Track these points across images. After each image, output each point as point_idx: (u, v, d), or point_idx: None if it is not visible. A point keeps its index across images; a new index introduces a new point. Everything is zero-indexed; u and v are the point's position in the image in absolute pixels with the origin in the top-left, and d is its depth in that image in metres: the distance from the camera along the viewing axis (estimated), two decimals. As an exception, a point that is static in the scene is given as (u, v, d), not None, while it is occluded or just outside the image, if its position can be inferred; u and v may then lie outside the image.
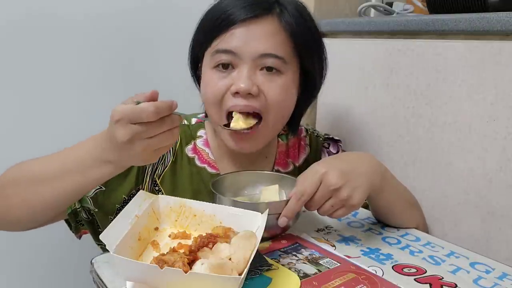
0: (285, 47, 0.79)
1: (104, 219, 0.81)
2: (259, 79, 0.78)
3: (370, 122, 1.07)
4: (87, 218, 0.82)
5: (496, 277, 0.68)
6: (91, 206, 0.80)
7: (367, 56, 1.06)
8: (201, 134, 0.91)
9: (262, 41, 0.76)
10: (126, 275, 0.58)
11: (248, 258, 0.56)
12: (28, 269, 1.18)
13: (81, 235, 0.86)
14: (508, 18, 0.78)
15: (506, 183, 0.82)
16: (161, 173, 0.86)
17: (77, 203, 0.80)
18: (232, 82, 0.77)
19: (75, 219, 0.82)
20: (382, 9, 1.14)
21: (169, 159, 0.87)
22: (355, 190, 0.71)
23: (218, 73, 0.78)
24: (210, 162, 0.89)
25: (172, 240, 0.67)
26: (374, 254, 0.73)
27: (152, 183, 0.85)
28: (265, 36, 0.76)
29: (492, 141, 0.84)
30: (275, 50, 0.77)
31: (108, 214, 0.81)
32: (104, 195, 0.80)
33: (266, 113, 0.79)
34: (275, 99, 0.79)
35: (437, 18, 0.90)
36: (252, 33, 0.76)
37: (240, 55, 0.76)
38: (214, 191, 0.74)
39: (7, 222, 0.74)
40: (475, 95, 0.86)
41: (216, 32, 0.77)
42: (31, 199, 0.70)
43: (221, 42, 0.77)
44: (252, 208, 0.67)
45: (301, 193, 0.70)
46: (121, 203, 0.81)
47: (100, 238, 0.56)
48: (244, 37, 0.76)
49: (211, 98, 0.79)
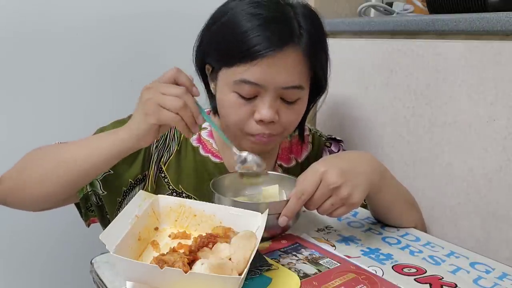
0: (304, 73, 0.81)
1: (112, 202, 0.86)
2: (279, 107, 0.81)
3: (370, 122, 1.07)
4: (97, 203, 0.86)
5: (496, 277, 0.68)
6: (99, 190, 0.85)
7: (367, 56, 1.06)
8: (206, 126, 0.94)
9: (285, 74, 0.78)
10: (126, 275, 0.58)
11: (248, 258, 0.56)
12: (28, 269, 1.18)
13: (90, 223, 0.91)
14: (508, 18, 0.78)
15: (506, 183, 0.82)
16: (166, 160, 0.89)
17: (88, 187, 0.84)
18: (255, 109, 0.80)
19: (85, 205, 0.87)
20: (382, 9, 1.14)
21: (174, 148, 0.90)
22: (355, 188, 0.71)
23: (240, 99, 0.79)
24: (214, 152, 0.92)
25: (172, 240, 0.67)
26: (374, 254, 0.73)
27: (158, 169, 0.89)
28: (288, 69, 0.78)
29: (492, 141, 0.84)
30: (296, 81, 0.79)
31: (116, 196, 0.86)
32: (112, 178, 0.85)
33: (281, 134, 0.84)
34: (291, 123, 0.84)
35: (437, 18, 0.90)
36: (277, 66, 0.77)
37: (264, 86, 0.78)
38: (214, 191, 0.74)
39: (22, 200, 0.80)
40: (475, 95, 0.86)
41: (239, 59, 0.77)
42: (49, 178, 0.76)
43: (246, 71, 0.76)
44: (252, 208, 0.67)
45: (301, 192, 0.70)
46: (128, 187, 0.87)
47: (100, 238, 0.56)
48: (270, 70, 0.76)
49: (233, 122, 0.82)
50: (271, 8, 0.78)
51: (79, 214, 0.89)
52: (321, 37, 0.83)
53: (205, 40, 0.84)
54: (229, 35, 0.78)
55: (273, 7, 0.78)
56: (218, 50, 0.81)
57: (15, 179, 0.79)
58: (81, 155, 0.75)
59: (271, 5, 0.78)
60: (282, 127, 0.82)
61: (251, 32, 0.75)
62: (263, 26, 0.76)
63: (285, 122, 0.82)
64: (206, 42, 0.84)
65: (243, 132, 0.82)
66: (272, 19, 0.77)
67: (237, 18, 0.77)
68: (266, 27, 0.76)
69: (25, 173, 0.78)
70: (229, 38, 0.78)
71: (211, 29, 0.83)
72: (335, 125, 1.16)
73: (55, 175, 0.76)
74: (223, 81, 0.81)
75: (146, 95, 0.70)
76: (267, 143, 0.83)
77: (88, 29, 1.14)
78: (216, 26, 0.81)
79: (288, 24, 0.78)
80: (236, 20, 0.77)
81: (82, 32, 1.13)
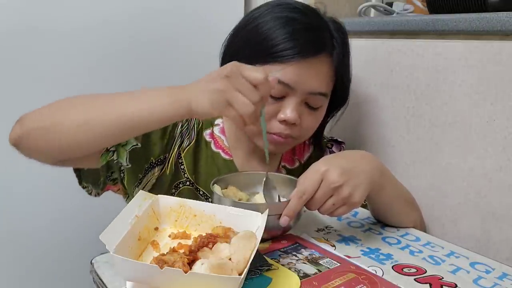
0: (330, 82, 0.85)
1: (134, 176, 0.85)
2: (302, 111, 0.83)
3: (370, 122, 1.07)
4: (120, 173, 0.84)
5: (496, 277, 0.68)
6: (125, 161, 0.83)
7: (367, 56, 1.06)
8: (218, 123, 0.95)
9: (315, 80, 0.81)
10: (126, 275, 0.58)
11: (248, 258, 0.56)
12: (28, 269, 1.18)
13: (105, 190, 0.88)
14: (508, 18, 0.78)
15: (506, 183, 0.82)
16: (186, 146, 0.90)
17: (114, 154, 0.82)
18: (279, 109, 0.82)
19: (106, 173, 0.83)
20: (382, 9, 1.14)
21: (194, 137, 0.91)
22: (356, 188, 0.71)
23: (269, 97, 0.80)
24: (225, 148, 0.93)
25: (172, 240, 0.67)
26: (374, 254, 0.73)
27: (177, 154, 0.90)
28: (318, 75, 0.82)
29: (492, 141, 0.84)
30: (323, 89, 0.83)
31: (137, 172, 0.85)
32: (139, 152, 0.84)
33: (298, 137, 0.86)
34: (309, 128, 0.87)
35: (437, 18, 0.90)
36: (309, 71, 0.80)
37: (294, 88, 0.80)
38: (214, 191, 0.74)
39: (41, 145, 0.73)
40: (475, 95, 0.86)
41: (274, 58, 0.79)
42: (90, 124, 0.69)
43: (279, 71, 0.79)
44: (252, 209, 0.67)
45: (302, 192, 0.70)
46: (149, 165, 0.86)
47: (100, 238, 0.56)
48: (302, 73, 0.80)
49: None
50: (308, 15, 0.83)
51: (78, 182, 0.87)
52: (348, 51, 0.88)
53: (236, 40, 0.87)
54: (266, 35, 0.80)
55: (310, 15, 0.83)
56: (252, 49, 0.82)
57: (43, 120, 0.72)
58: (132, 106, 0.69)
59: (308, 12, 0.84)
60: (301, 132, 0.85)
61: (289, 36, 0.79)
62: (301, 32, 0.80)
63: (305, 126, 0.85)
64: (238, 41, 0.86)
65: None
66: (310, 26, 0.81)
67: (274, 20, 0.81)
68: (304, 33, 0.80)
69: (59, 116, 0.71)
70: (265, 38, 0.80)
71: (245, 29, 0.85)
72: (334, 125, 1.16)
73: (99, 123, 0.69)
74: None
75: (221, 84, 0.64)
76: (283, 143, 0.85)
77: (88, 29, 1.13)
78: (252, 27, 0.83)
79: (323, 34, 0.83)
80: (273, 22, 0.81)
81: (82, 32, 1.13)
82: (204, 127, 0.93)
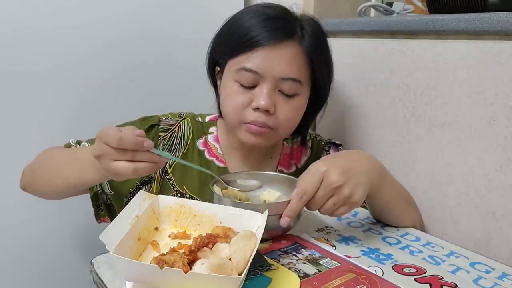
0: (303, 70, 0.85)
1: (119, 201, 0.89)
2: (276, 99, 0.84)
3: (370, 122, 1.07)
4: (106, 201, 0.90)
5: (496, 277, 0.68)
6: (107, 190, 0.88)
7: (367, 56, 1.06)
8: (212, 131, 0.97)
9: (284, 65, 0.82)
10: (126, 275, 0.58)
11: (248, 258, 0.56)
12: (28, 269, 1.18)
13: (101, 221, 0.94)
14: (508, 18, 0.78)
15: (506, 183, 0.82)
16: (172, 163, 0.92)
17: (98, 186, 0.88)
18: (253, 98, 0.83)
19: (96, 203, 0.91)
20: (382, 9, 1.14)
21: (180, 151, 0.93)
22: (356, 187, 0.71)
23: (240, 88, 0.84)
24: (219, 156, 0.94)
25: (172, 240, 0.67)
26: (374, 254, 0.73)
27: (164, 172, 0.92)
28: (287, 60, 0.82)
29: (492, 141, 0.84)
30: (294, 74, 0.83)
31: (122, 197, 0.89)
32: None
33: (276, 129, 0.85)
34: (287, 118, 0.86)
35: (437, 18, 0.90)
36: (276, 56, 0.82)
37: (263, 75, 0.82)
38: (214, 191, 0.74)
39: (37, 192, 0.89)
40: (475, 95, 0.86)
41: (242, 48, 0.83)
42: (51, 182, 0.84)
43: (247, 60, 0.82)
44: (252, 209, 0.67)
45: (303, 192, 0.70)
46: (134, 188, 0.90)
47: (100, 238, 0.56)
48: (269, 59, 0.81)
49: (231, 109, 0.85)
50: (277, 9, 0.86)
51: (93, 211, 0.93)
52: (323, 45, 0.88)
53: (215, 43, 0.91)
54: (235, 30, 0.85)
55: (279, 9, 0.86)
56: (225, 45, 0.86)
57: (30, 175, 0.87)
58: (70, 171, 0.79)
59: (277, 8, 0.86)
60: (278, 121, 0.84)
61: (254, 26, 0.82)
62: (266, 21, 0.83)
63: (281, 116, 0.84)
64: (216, 43, 0.90)
65: (240, 121, 0.85)
66: (275, 17, 0.84)
67: (245, 16, 0.85)
68: (269, 22, 0.83)
69: (35, 172, 0.86)
70: (235, 32, 0.85)
71: (221, 31, 0.90)
72: (334, 125, 1.16)
73: (54, 182, 0.83)
74: (227, 72, 0.86)
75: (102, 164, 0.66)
76: (260, 133, 0.84)
77: (88, 29, 1.13)
78: (226, 27, 0.88)
79: (291, 24, 0.84)
80: (244, 18, 0.85)
81: (83, 32, 1.13)
82: (196, 137, 0.95)
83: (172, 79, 1.27)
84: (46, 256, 1.20)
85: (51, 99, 1.12)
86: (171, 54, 1.26)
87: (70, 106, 1.15)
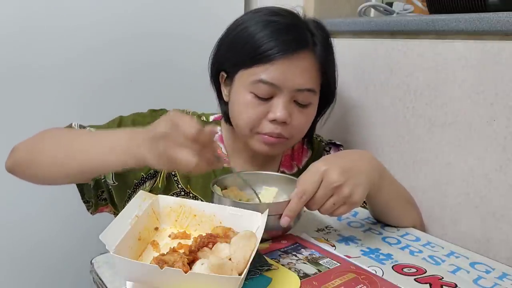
0: (316, 78, 0.86)
1: (122, 193, 0.88)
2: (292, 110, 0.84)
3: (370, 122, 1.07)
4: (109, 190, 0.88)
5: (496, 277, 0.68)
6: (111, 180, 0.86)
7: (367, 56, 1.06)
8: (217, 131, 0.95)
9: (300, 76, 0.83)
10: (126, 275, 0.58)
11: (248, 258, 0.56)
12: (28, 269, 1.18)
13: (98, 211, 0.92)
14: (508, 18, 0.78)
15: (506, 183, 0.82)
16: None
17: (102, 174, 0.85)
18: (269, 110, 0.83)
19: (97, 192, 0.88)
20: (382, 9, 1.14)
21: None
22: (356, 187, 0.71)
23: (255, 99, 0.83)
24: (223, 156, 0.94)
25: (172, 240, 0.67)
26: (374, 254, 0.73)
27: None
28: (302, 72, 0.83)
29: (492, 141, 0.84)
30: (310, 84, 0.84)
31: (126, 188, 0.88)
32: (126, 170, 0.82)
33: (291, 138, 0.87)
34: (301, 127, 0.87)
35: (437, 18, 0.90)
36: (293, 68, 0.82)
37: (280, 87, 0.82)
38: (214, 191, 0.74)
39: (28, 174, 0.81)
40: (475, 95, 0.86)
41: (256, 60, 0.82)
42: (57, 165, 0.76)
43: (263, 72, 0.81)
44: (252, 209, 0.67)
45: (303, 192, 0.70)
46: (139, 180, 0.88)
47: (100, 238, 0.56)
48: (285, 71, 0.81)
49: (246, 121, 0.84)
50: (286, 17, 0.85)
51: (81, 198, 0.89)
52: (330, 49, 0.89)
53: (221, 49, 0.89)
54: (248, 40, 0.83)
55: (288, 16, 0.86)
56: (236, 54, 0.85)
57: (26, 154, 0.80)
58: (94, 152, 0.72)
59: (287, 14, 0.86)
60: (292, 131, 0.86)
61: (270, 36, 0.81)
62: (281, 31, 0.82)
63: (296, 125, 0.85)
64: (223, 50, 0.89)
65: (253, 131, 0.85)
66: (288, 26, 0.84)
67: (255, 25, 0.83)
68: (284, 32, 0.82)
69: (36, 153, 0.78)
70: (248, 42, 0.83)
71: (228, 38, 0.88)
72: (335, 125, 1.16)
73: (65, 165, 0.75)
74: (240, 82, 0.85)
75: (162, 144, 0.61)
76: (275, 143, 0.85)
77: (89, 29, 1.14)
78: (234, 34, 0.87)
79: (303, 31, 0.84)
80: (255, 26, 0.83)
81: (83, 32, 1.13)
82: None
83: (172, 79, 1.27)
84: (46, 256, 1.20)
85: (52, 99, 1.13)
86: (171, 54, 1.26)
87: (71, 106, 1.15)
